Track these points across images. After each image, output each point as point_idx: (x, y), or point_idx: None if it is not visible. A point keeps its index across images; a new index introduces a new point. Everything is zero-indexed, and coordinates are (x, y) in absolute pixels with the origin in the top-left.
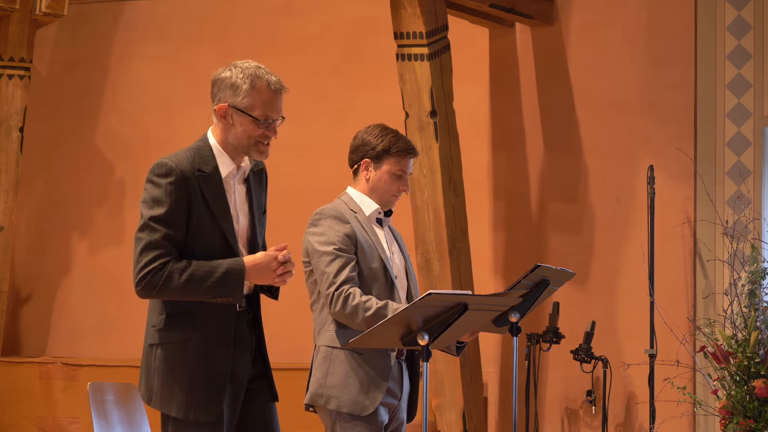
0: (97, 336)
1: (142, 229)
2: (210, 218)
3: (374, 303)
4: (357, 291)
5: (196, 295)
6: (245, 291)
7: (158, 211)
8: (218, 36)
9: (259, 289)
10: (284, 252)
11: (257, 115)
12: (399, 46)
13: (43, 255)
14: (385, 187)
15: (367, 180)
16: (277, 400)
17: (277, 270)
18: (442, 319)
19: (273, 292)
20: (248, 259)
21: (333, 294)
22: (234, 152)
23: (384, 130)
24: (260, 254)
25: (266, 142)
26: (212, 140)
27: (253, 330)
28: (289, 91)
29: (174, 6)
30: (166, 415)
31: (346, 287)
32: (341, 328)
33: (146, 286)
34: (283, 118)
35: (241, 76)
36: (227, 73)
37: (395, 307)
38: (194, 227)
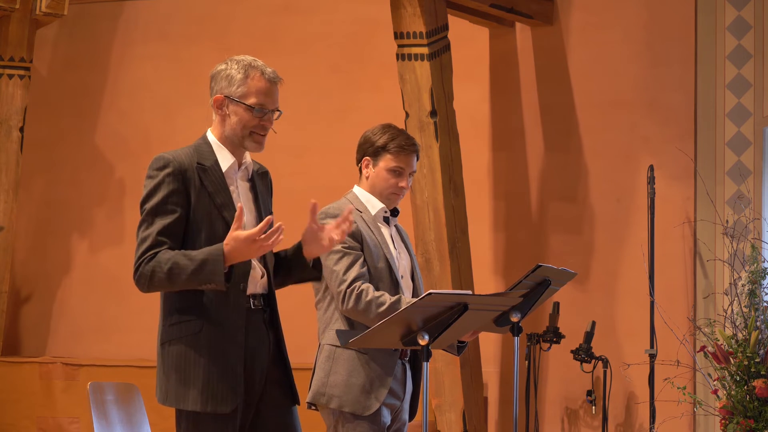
0: (97, 336)
1: (140, 224)
2: (213, 208)
3: (387, 298)
4: (369, 287)
5: (182, 284)
6: (260, 290)
7: (153, 203)
8: (218, 35)
9: (301, 275)
10: (257, 229)
11: (252, 103)
12: (399, 46)
13: (43, 255)
14: (383, 184)
15: (368, 178)
16: (298, 403)
17: (260, 240)
18: (443, 318)
19: (317, 269)
20: (226, 242)
21: (345, 291)
22: (233, 146)
23: (385, 128)
24: (232, 235)
25: (262, 133)
26: (211, 137)
27: (270, 329)
28: (284, 83)
29: (174, 6)
30: (180, 412)
31: (358, 284)
32: (348, 326)
33: (139, 278)
34: (280, 111)
35: (236, 67)
36: (223, 66)
37: (408, 301)
38: (196, 217)
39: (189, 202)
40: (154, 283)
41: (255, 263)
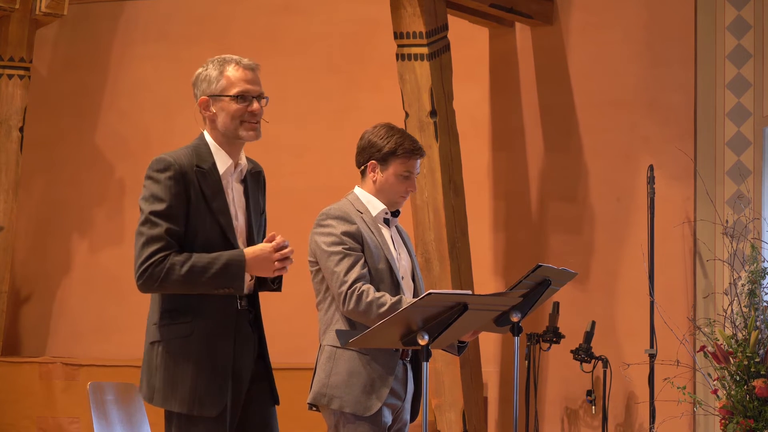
0: (97, 336)
1: (143, 223)
2: (208, 213)
3: (388, 299)
4: (370, 288)
5: (197, 287)
6: (245, 291)
7: (159, 206)
8: (218, 36)
9: (261, 286)
10: (278, 240)
11: (234, 92)
12: (399, 46)
13: (43, 255)
14: (392, 189)
15: (374, 182)
16: (278, 404)
17: (275, 261)
18: (442, 318)
19: (276, 283)
20: (248, 251)
21: (345, 292)
22: (229, 145)
23: (390, 130)
24: (259, 246)
25: (253, 121)
26: (208, 138)
27: (255, 329)
28: (294, 92)
29: (174, 6)
30: (170, 413)
31: (358, 285)
32: (349, 327)
33: (147, 279)
34: (266, 98)
35: (211, 66)
36: (200, 70)
37: (408, 301)
38: (193, 221)
39: (189, 205)
40: (166, 285)
41: None
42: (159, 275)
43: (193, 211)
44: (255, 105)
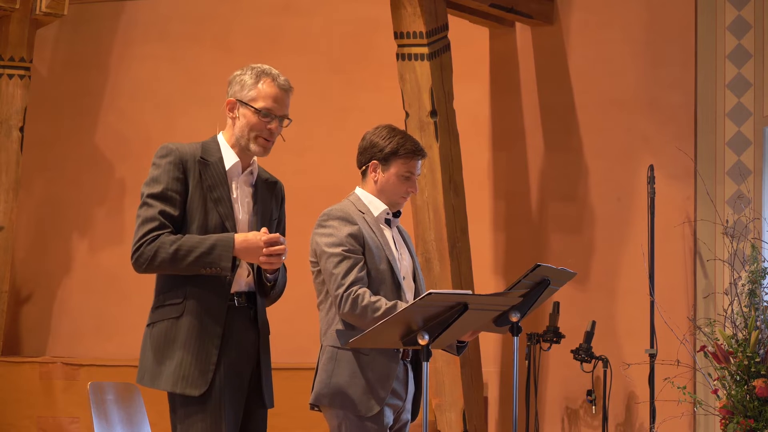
0: (97, 336)
1: (140, 206)
2: (207, 202)
3: (383, 303)
4: (366, 291)
5: (185, 266)
6: (245, 288)
7: (155, 188)
8: (218, 36)
9: (260, 287)
10: (273, 235)
11: (259, 107)
12: (399, 45)
13: (43, 255)
14: (393, 189)
15: (376, 182)
16: (271, 407)
17: (263, 251)
18: (443, 318)
19: (272, 276)
20: (238, 235)
21: (342, 295)
22: (240, 149)
23: (392, 131)
24: (251, 233)
25: (267, 138)
26: (221, 138)
27: (255, 329)
28: (294, 92)
29: (174, 6)
30: (171, 399)
31: (354, 288)
32: (347, 328)
33: (139, 257)
34: (290, 119)
35: (249, 73)
36: (239, 72)
37: (404, 305)
38: (191, 207)
39: (186, 191)
40: (155, 263)
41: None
42: (149, 254)
43: (191, 198)
44: (274, 125)
